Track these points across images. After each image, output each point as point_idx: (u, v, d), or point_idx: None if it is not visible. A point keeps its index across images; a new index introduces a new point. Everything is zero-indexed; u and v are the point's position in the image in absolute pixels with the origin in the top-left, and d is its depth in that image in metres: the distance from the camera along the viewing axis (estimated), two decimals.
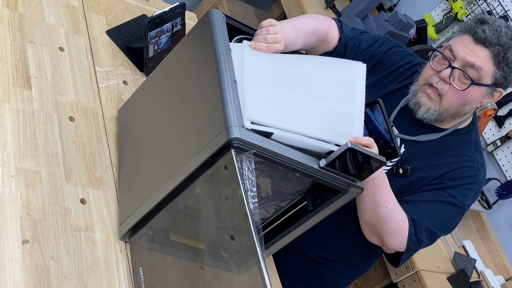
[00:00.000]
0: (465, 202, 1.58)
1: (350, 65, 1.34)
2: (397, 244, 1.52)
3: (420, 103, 1.56)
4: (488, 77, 1.49)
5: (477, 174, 1.59)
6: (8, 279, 1.11)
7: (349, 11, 3.08)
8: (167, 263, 1.32)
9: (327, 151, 1.23)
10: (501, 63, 1.48)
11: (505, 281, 2.69)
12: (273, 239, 1.41)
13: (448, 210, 1.57)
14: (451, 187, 1.57)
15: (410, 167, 1.59)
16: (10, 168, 1.25)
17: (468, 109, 1.55)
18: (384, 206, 1.49)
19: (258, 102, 1.21)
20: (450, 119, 1.58)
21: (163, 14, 1.63)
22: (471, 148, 1.62)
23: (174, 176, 1.21)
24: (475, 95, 1.51)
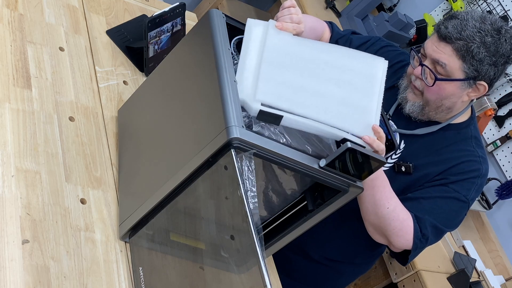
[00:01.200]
0: (469, 196, 1.58)
1: (372, 59, 1.34)
2: (403, 242, 1.53)
3: (407, 99, 1.61)
4: (457, 72, 1.51)
5: (479, 168, 1.60)
6: (8, 279, 1.11)
7: (349, 11, 3.08)
8: (167, 263, 1.32)
9: (340, 138, 1.22)
10: (466, 57, 1.49)
11: (505, 281, 2.69)
12: (273, 239, 1.41)
13: (452, 205, 1.57)
14: (454, 182, 1.57)
15: (412, 165, 1.59)
16: (10, 168, 1.25)
17: (450, 103, 1.56)
18: (386, 207, 1.50)
19: (272, 84, 1.20)
20: (439, 114, 1.60)
21: (163, 14, 1.63)
22: (471, 142, 1.63)
23: (174, 176, 1.21)
24: (449, 90, 1.53)
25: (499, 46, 1.49)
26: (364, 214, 1.57)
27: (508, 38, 1.51)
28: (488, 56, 1.49)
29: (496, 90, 2.98)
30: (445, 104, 1.57)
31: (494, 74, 1.52)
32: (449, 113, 1.60)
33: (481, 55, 1.48)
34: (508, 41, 1.50)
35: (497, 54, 1.49)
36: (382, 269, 2.51)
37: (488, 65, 1.50)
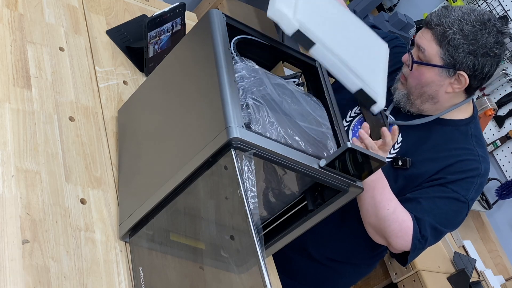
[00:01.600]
0: (468, 196, 1.58)
1: (379, 41, 1.43)
2: (403, 243, 1.54)
3: (396, 88, 1.65)
4: (435, 57, 1.54)
5: (478, 167, 1.59)
6: (8, 279, 1.11)
7: None
8: (167, 263, 1.32)
9: (358, 88, 1.24)
10: (442, 42, 1.52)
11: (505, 281, 2.69)
12: (273, 239, 1.41)
13: (452, 205, 1.57)
14: (452, 182, 1.57)
15: (409, 159, 1.60)
16: (10, 168, 1.25)
17: (431, 91, 1.58)
18: (386, 209, 1.50)
19: (311, 11, 1.22)
20: (425, 105, 1.61)
21: (163, 14, 1.63)
22: (471, 140, 1.63)
23: (174, 176, 1.21)
24: (428, 75, 1.56)
25: (479, 36, 1.50)
26: (364, 216, 1.57)
27: (494, 32, 1.52)
28: (465, 44, 1.50)
29: (496, 90, 2.98)
30: (427, 91, 1.59)
31: (474, 65, 1.52)
32: (435, 103, 1.61)
33: (456, 41, 1.50)
34: (492, 34, 1.51)
35: (475, 43, 1.50)
36: (382, 269, 2.52)
37: (465, 53, 1.51)
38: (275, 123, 1.20)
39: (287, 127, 1.22)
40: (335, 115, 1.37)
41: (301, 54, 1.48)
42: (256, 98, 1.20)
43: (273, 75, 1.34)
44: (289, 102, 1.28)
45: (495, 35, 1.52)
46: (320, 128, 1.29)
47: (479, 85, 1.59)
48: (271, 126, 1.19)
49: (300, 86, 1.43)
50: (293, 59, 1.47)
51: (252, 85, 1.22)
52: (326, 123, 1.33)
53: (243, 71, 1.24)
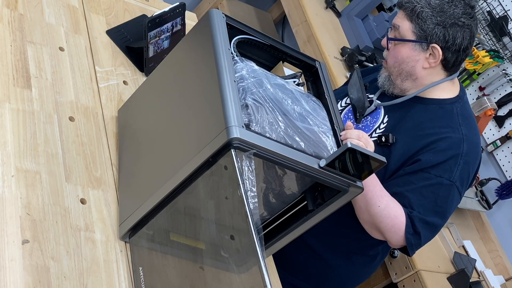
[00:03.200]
0: (453, 178, 1.60)
1: None
2: (397, 239, 1.57)
3: (380, 74, 1.74)
4: (408, 33, 1.63)
5: (459, 146, 1.61)
6: (8, 279, 1.11)
7: (349, 11, 3.08)
8: (167, 263, 1.32)
9: None
10: (412, 16, 1.62)
11: (505, 281, 2.69)
12: (273, 239, 1.41)
13: (439, 191, 1.59)
14: (434, 166, 1.59)
15: (392, 135, 1.65)
16: (10, 168, 1.25)
17: (408, 67, 1.65)
18: (377, 206, 1.54)
19: None
20: (405, 83, 1.68)
21: (163, 14, 1.63)
22: (457, 119, 1.66)
23: (174, 176, 1.21)
24: (404, 52, 1.65)
25: (446, 7, 1.60)
26: (357, 213, 1.61)
27: (461, 4, 1.61)
28: (433, 16, 1.59)
29: (496, 90, 2.98)
30: (404, 68, 1.66)
31: (444, 36, 1.60)
32: (414, 80, 1.67)
33: (424, 14, 1.60)
34: (459, 6, 1.60)
35: (442, 14, 1.59)
36: (382, 269, 2.51)
37: (433, 24, 1.60)
38: (275, 123, 1.20)
39: (287, 127, 1.22)
40: (335, 115, 1.38)
41: (301, 54, 1.48)
42: (256, 98, 1.20)
43: (273, 75, 1.34)
44: (289, 102, 1.28)
45: (463, 7, 1.60)
46: (320, 128, 1.29)
47: (454, 58, 1.64)
48: (270, 126, 1.19)
49: (300, 86, 1.43)
50: (293, 59, 1.47)
51: (252, 85, 1.22)
52: (326, 123, 1.33)
53: (243, 71, 1.24)
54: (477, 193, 2.78)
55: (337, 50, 2.86)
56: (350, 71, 2.78)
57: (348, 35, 3.02)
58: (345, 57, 2.81)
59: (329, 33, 2.93)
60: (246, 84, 1.22)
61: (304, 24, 2.92)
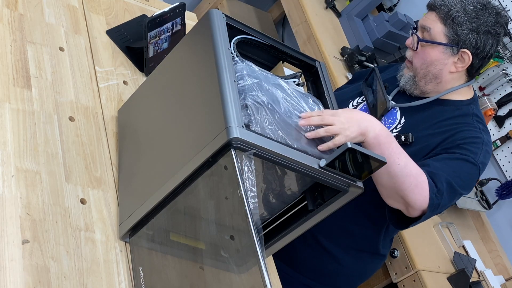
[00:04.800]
0: (478, 159, 1.59)
1: None
2: (421, 199, 1.46)
3: (402, 74, 1.73)
4: (440, 36, 1.62)
5: (480, 136, 1.63)
6: (8, 279, 1.11)
7: (349, 11, 3.08)
8: (167, 263, 1.32)
9: None
10: (447, 20, 1.61)
11: (505, 281, 2.69)
12: (273, 239, 1.41)
13: (463, 166, 1.58)
14: (458, 146, 1.60)
15: (411, 134, 1.65)
16: (10, 168, 1.25)
17: (435, 70, 1.64)
18: (397, 163, 1.42)
19: None
20: (428, 85, 1.67)
21: (163, 14, 1.63)
22: (472, 119, 1.68)
23: (174, 176, 1.21)
24: (433, 54, 1.64)
25: (480, 14, 1.59)
26: (375, 178, 1.50)
27: (493, 13, 1.61)
28: (468, 21, 1.59)
29: (496, 90, 2.98)
30: (431, 71, 1.65)
31: (477, 42, 1.60)
32: (438, 84, 1.67)
33: (460, 19, 1.59)
34: (492, 14, 1.61)
35: (477, 21, 1.59)
36: (382, 269, 2.51)
37: (468, 30, 1.59)
38: (275, 124, 1.20)
39: (287, 127, 1.22)
40: None
41: (301, 54, 1.48)
42: (255, 98, 1.20)
43: (273, 75, 1.34)
44: (289, 102, 1.28)
45: (495, 16, 1.61)
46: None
47: (480, 65, 1.65)
48: (270, 126, 1.19)
49: (300, 86, 1.43)
50: (293, 59, 1.47)
51: (251, 86, 1.22)
52: None
53: (243, 71, 1.24)
54: (477, 193, 2.78)
55: (337, 50, 2.86)
56: (350, 71, 2.78)
57: (348, 35, 3.02)
58: (345, 57, 2.81)
59: (329, 33, 2.93)
60: (246, 85, 1.22)
61: (304, 24, 2.92)
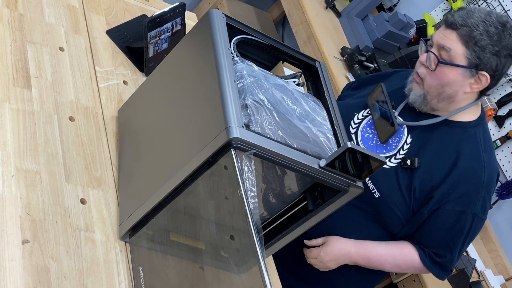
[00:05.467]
0: (475, 209, 1.61)
1: None
2: (425, 271, 1.70)
3: (411, 89, 1.66)
4: (460, 58, 1.54)
5: (481, 175, 1.61)
6: (8, 279, 1.11)
7: (349, 11, 3.08)
8: (167, 263, 1.32)
9: None
10: (469, 42, 1.53)
11: (505, 281, 2.69)
12: (273, 239, 1.41)
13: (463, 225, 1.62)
14: (455, 200, 1.60)
15: (417, 159, 1.62)
16: (10, 168, 1.25)
17: (451, 91, 1.59)
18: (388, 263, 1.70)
19: None
20: (441, 104, 1.62)
21: (163, 14, 1.63)
22: (479, 143, 1.65)
23: (174, 176, 1.21)
24: (451, 75, 1.57)
25: (502, 37, 1.53)
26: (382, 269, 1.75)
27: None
28: (491, 45, 1.52)
29: (496, 90, 2.98)
30: (447, 91, 1.59)
31: (497, 65, 1.55)
32: (451, 103, 1.62)
33: (483, 42, 1.51)
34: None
35: (499, 44, 1.53)
36: None
37: (490, 53, 1.53)
38: (275, 124, 1.20)
39: (287, 127, 1.22)
40: (335, 115, 1.37)
41: (301, 54, 1.48)
42: (255, 98, 1.20)
43: (273, 75, 1.34)
44: (289, 102, 1.28)
45: None
46: (320, 128, 1.29)
47: (494, 85, 1.61)
48: (270, 126, 1.19)
49: (300, 86, 1.43)
50: (293, 59, 1.47)
51: (251, 86, 1.22)
52: (326, 123, 1.33)
53: (243, 72, 1.24)
54: None
55: (337, 50, 2.86)
56: (350, 71, 2.77)
57: (348, 35, 3.02)
58: (345, 57, 2.81)
59: (329, 33, 2.93)
60: (246, 84, 1.22)
61: (304, 24, 2.92)
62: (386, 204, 1.64)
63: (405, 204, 1.63)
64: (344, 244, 1.69)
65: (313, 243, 1.71)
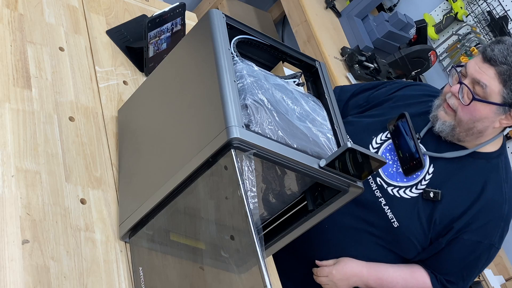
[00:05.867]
0: (493, 240, 1.61)
1: None
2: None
3: (438, 117, 1.61)
4: (496, 95, 1.50)
5: (502, 208, 1.60)
6: (8, 279, 1.11)
7: (349, 11, 3.08)
8: (167, 263, 1.32)
9: None
10: (507, 82, 1.48)
11: (505, 281, 2.69)
12: (273, 239, 1.41)
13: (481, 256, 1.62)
14: (475, 230, 1.59)
15: (440, 192, 1.59)
16: (10, 168, 1.25)
17: (482, 126, 1.56)
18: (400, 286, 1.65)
19: None
20: (469, 137, 1.59)
21: (163, 14, 1.63)
22: (502, 174, 1.63)
23: (174, 176, 1.21)
24: (483, 112, 1.53)
25: None
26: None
27: None
28: None
29: None
30: (477, 127, 1.56)
31: None
32: (479, 137, 1.60)
33: None
34: None
35: None
36: None
37: None
38: (275, 124, 1.20)
39: (287, 127, 1.22)
40: (335, 115, 1.37)
41: (301, 54, 1.48)
42: (255, 98, 1.20)
43: (273, 75, 1.34)
44: (288, 102, 1.28)
45: None
46: (320, 128, 1.29)
47: None
48: (270, 126, 1.19)
49: (300, 86, 1.43)
50: (293, 59, 1.47)
51: (251, 86, 1.22)
52: (326, 123, 1.33)
53: (243, 71, 1.24)
54: None
55: (337, 50, 2.86)
56: (350, 71, 2.77)
57: (348, 35, 3.02)
58: (345, 57, 2.81)
59: (329, 33, 2.93)
60: (246, 84, 1.22)
61: (304, 24, 2.92)
62: (404, 235, 1.62)
63: (424, 234, 1.62)
64: (356, 264, 1.66)
65: (324, 264, 1.68)
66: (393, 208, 1.62)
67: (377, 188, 1.65)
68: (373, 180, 1.66)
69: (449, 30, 3.19)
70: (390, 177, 1.65)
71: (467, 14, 3.10)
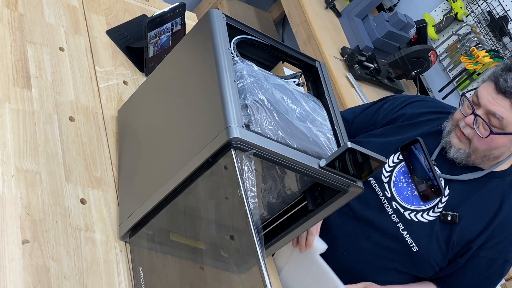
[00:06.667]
0: (508, 256, 1.61)
1: None
2: None
3: (451, 143, 1.60)
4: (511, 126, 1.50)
5: None
6: (8, 279, 1.11)
7: (349, 11, 3.08)
8: (167, 263, 1.32)
9: None
10: None
11: (505, 281, 2.69)
12: (273, 239, 1.41)
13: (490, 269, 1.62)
14: (492, 247, 1.59)
15: (457, 215, 1.59)
16: (10, 168, 1.25)
17: (498, 153, 1.57)
18: None
19: None
20: (484, 161, 1.59)
21: (163, 14, 1.63)
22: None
23: (174, 176, 1.21)
24: (500, 142, 1.54)
25: None
26: None
27: None
28: None
29: None
30: (494, 153, 1.57)
31: None
32: (493, 161, 1.60)
33: None
34: None
35: None
36: None
37: None
38: (275, 124, 1.20)
39: (287, 127, 1.22)
40: (335, 115, 1.38)
41: (301, 54, 1.48)
42: (255, 98, 1.20)
43: (273, 75, 1.34)
44: (288, 102, 1.28)
45: None
46: (320, 128, 1.29)
47: None
48: (270, 126, 1.19)
49: (300, 86, 1.43)
50: (293, 59, 1.47)
51: (251, 86, 1.22)
52: (326, 123, 1.33)
53: (243, 71, 1.24)
54: None
55: (337, 50, 2.86)
56: (350, 71, 2.78)
57: (348, 35, 3.02)
58: (345, 57, 2.81)
59: (329, 33, 2.93)
60: (246, 84, 1.22)
61: (304, 24, 2.92)
62: (424, 258, 1.62)
63: (443, 256, 1.62)
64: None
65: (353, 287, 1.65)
66: (412, 233, 1.62)
67: (393, 212, 1.64)
68: (389, 204, 1.64)
69: (449, 30, 3.19)
70: (406, 200, 1.64)
71: (467, 14, 3.10)
